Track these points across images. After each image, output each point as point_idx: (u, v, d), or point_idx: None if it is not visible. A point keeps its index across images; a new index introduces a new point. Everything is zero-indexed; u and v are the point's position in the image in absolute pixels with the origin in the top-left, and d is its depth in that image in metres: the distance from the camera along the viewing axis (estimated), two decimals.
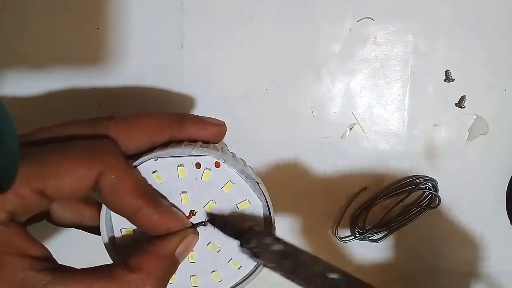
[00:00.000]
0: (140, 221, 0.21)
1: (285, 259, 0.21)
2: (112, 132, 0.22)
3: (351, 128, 0.33)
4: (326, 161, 0.33)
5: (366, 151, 0.33)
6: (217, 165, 0.22)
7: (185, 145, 0.23)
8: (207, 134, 0.24)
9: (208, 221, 0.23)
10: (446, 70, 0.32)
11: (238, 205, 0.23)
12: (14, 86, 0.30)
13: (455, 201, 0.34)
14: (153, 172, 0.22)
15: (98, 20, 0.29)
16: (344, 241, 0.34)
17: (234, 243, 0.23)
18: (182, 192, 0.23)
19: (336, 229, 0.34)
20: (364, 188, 0.34)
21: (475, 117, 0.33)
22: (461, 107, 0.33)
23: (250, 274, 0.24)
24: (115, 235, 0.23)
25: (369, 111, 0.33)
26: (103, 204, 0.23)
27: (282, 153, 0.33)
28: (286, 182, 0.33)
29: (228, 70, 0.31)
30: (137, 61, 0.30)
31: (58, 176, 0.20)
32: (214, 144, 0.25)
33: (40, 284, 0.19)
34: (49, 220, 0.24)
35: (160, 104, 0.31)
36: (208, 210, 0.23)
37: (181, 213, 0.23)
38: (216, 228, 0.23)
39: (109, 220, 0.23)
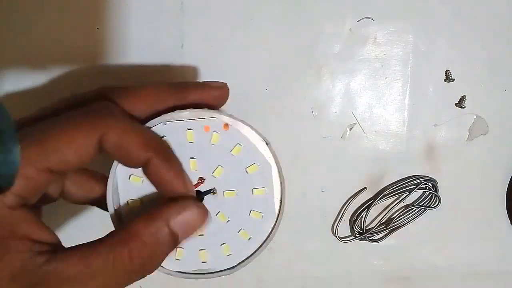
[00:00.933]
0: (151, 173, 0.21)
1: None
2: (114, 102, 0.22)
3: (351, 128, 0.33)
4: (326, 160, 0.33)
5: (366, 151, 0.33)
6: (226, 127, 0.22)
7: (192, 108, 0.22)
8: (210, 98, 0.24)
9: None
10: (446, 70, 0.32)
11: (247, 169, 0.23)
12: (14, 86, 0.30)
13: (455, 201, 0.34)
14: (162, 137, 0.22)
15: (98, 20, 0.29)
16: (344, 241, 0.34)
17: (244, 211, 0.23)
18: (191, 158, 0.22)
19: (336, 229, 0.34)
20: (364, 188, 0.34)
21: (475, 117, 0.33)
22: (461, 107, 0.33)
23: (259, 247, 0.24)
24: (121, 207, 0.23)
25: (369, 111, 0.33)
26: (109, 176, 0.22)
27: (281, 152, 0.33)
28: (285, 181, 0.33)
29: (228, 70, 0.31)
30: (137, 61, 0.30)
31: (59, 149, 0.20)
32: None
33: (37, 265, 0.19)
34: (65, 198, 0.25)
35: None
36: (216, 176, 0.23)
37: (190, 179, 0.23)
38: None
39: (116, 191, 0.23)
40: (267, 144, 0.23)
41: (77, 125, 0.20)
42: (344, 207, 0.34)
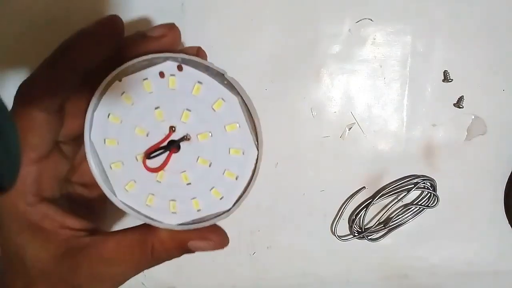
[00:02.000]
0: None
1: None
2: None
3: (350, 128, 0.33)
4: (325, 160, 0.33)
5: (365, 150, 0.33)
6: (180, 68, 0.21)
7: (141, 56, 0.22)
8: (157, 48, 0.22)
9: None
10: (445, 70, 0.32)
11: (213, 106, 0.22)
12: (14, 86, 0.30)
13: (453, 200, 0.35)
14: (122, 94, 0.22)
15: None
16: (343, 240, 0.35)
17: (223, 151, 0.23)
18: (156, 108, 0.22)
19: (335, 228, 0.34)
20: (363, 187, 0.34)
21: (473, 117, 0.33)
22: (460, 107, 0.33)
23: (248, 183, 0.23)
24: (106, 171, 0.23)
25: (368, 111, 0.33)
26: (84, 146, 0.23)
27: (281, 152, 0.33)
28: (285, 181, 0.33)
29: (228, 70, 0.31)
30: None
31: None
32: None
33: (80, 244, 0.22)
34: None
35: None
36: (185, 121, 0.22)
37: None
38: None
39: (96, 157, 0.23)
40: (223, 75, 0.22)
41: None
42: (343, 206, 0.34)
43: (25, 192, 0.21)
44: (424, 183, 0.33)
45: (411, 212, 0.34)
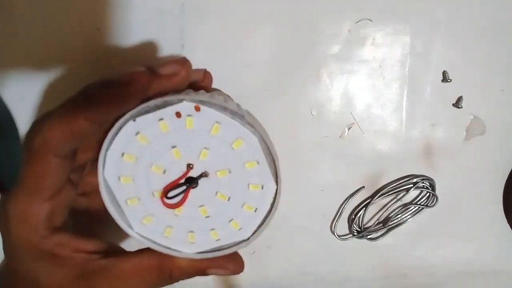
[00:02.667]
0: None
1: None
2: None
3: (349, 128, 0.33)
4: (324, 160, 0.33)
5: (364, 150, 0.33)
6: (197, 108, 0.21)
7: (155, 98, 0.21)
8: (169, 87, 0.22)
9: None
10: (444, 70, 0.33)
11: (232, 145, 0.22)
12: (14, 86, 0.30)
13: (452, 200, 0.35)
14: (136, 134, 0.21)
15: (98, 21, 0.30)
16: (343, 239, 0.35)
17: (242, 187, 0.22)
18: (172, 147, 0.22)
19: (335, 228, 0.34)
20: (362, 187, 0.34)
21: (472, 117, 0.34)
22: (459, 108, 0.33)
23: (267, 215, 0.23)
24: (122, 207, 0.23)
25: (368, 111, 0.33)
26: (99, 182, 0.22)
27: (280, 152, 0.33)
28: (284, 180, 0.33)
29: (228, 70, 0.31)
30: (137, 62, 0.30)
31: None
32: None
33: (95, 266, 0.22)
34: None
35: None
36: (203, 159, 0.22)
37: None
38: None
39: (111, 194, 0.23)
40: (242, 116, 0.21)
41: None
42: (343, 206, 0.34)
43: (38, 228, 0.22)
44: (423, 182, 0.34)
45: (410, 212, 0.35)
